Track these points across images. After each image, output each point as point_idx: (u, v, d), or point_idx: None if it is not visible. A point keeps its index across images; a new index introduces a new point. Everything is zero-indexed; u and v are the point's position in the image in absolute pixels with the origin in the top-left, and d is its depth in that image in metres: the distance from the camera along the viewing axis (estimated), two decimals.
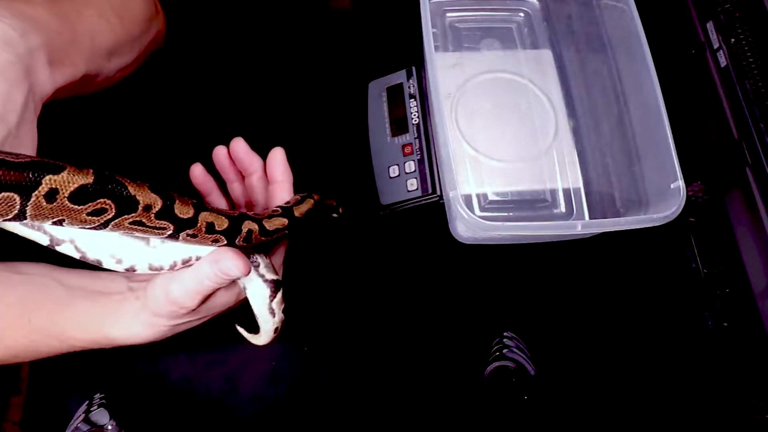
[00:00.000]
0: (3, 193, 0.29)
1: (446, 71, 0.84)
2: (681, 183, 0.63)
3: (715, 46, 0.84)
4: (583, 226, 0.63)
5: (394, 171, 0.85)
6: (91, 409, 0.71)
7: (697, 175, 0.90)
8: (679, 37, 0.91)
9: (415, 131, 0.85)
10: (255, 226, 0.44)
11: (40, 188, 0.30)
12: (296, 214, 0.49)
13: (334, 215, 0.61)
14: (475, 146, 0.81)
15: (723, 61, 0.83)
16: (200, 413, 0.78)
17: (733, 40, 0.82)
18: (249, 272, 0.41)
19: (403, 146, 0.86)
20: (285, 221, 0.47)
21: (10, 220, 0.31)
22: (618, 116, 0.76)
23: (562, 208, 0.81)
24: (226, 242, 0.42)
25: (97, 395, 0.74)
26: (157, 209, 0.36)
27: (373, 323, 0.83)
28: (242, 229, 0.42)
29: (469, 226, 0.66)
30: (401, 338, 0.85)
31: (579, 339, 0.88)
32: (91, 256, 0.42)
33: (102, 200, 0.33)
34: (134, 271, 0.43)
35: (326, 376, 0.80)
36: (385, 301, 0.85)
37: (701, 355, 0.88)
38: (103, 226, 0.35)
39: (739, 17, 0.82)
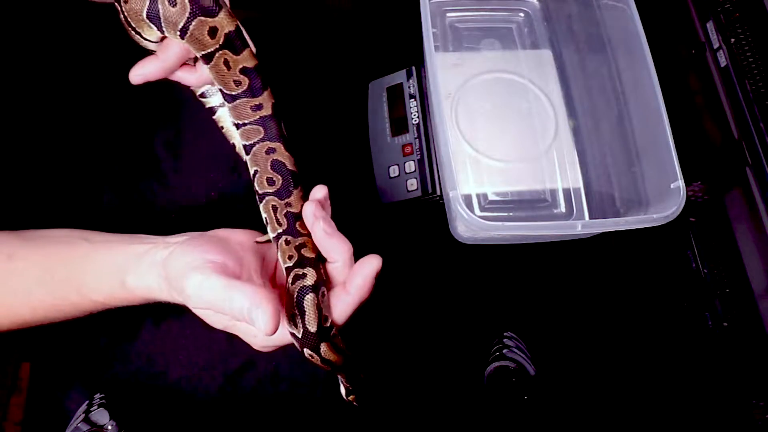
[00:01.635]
0: (243, 77, 0.44)
1: (446, 71, 0.84)
2: (681, 183, 0.63)
3: (715, 46, 0.84)
4: (583, 226, 0.63)
5: (394, 171, 0.85)
6: (91, 409, 0.70)
7: (697, 175, 0.90)
8: (679, 37, 0.91)
9: (415, 131, 0.85)
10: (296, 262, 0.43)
11: (260, 100, 0.45)
12: (322, 349, 0.41)
13: (343, 395, 0.51)
14: (475, 146, 0.80)
15: (723, 61, 0.83)
16: (200, 413, 0.78)
17: (733, 40, 0.82)
18: (272, 334, 0.38)
19: (403, 146, 0.86)
20: (313, 329, 0.40)
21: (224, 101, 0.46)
22: (618, 116, 0.76)
23: (562, 208, 0.81)
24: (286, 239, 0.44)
25: (97, 395, 0.74)
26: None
27: (372, 323, 0.83)
28: (295, 247, 0.43)
29: (469, 226, 0.66)
30: (401, 338, 0.85)
31: (579, 339, 0.88)
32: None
33: (257, 127, 0.46)
34: None
35: (326, 377, 0.80)
36: (385, 301, 0.85)
37: (701, 355, 0.88)
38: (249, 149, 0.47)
39: (739, 17, 0.82)
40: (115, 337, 0.80)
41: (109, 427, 0.67)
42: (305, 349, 0.41)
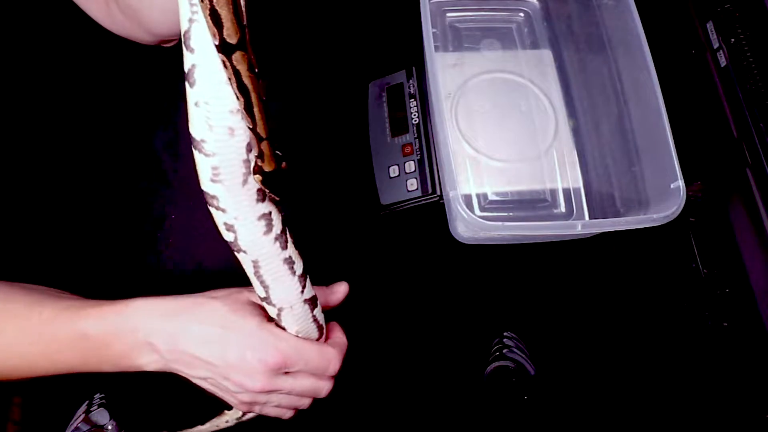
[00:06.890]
0: None
1: (446, 71, 0.84)
2: (681, 183, 0.63)
3: (715, 46, 0.84)
4: (583, 226, 0.63)
5: (394, 171, 0.85)
6: (91, 409, 0.70)
7: (697, 175, 0.90)
8: (679, 37, 0.91)
9: (415, 131, 0.85)
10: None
11: None
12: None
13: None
14: (475, 146, 0.81)
15: (723, 61, 0.83)
16: (200, 413, 0.78)
17: (733, 40, 0.81)
18: None
19: (403, 146, 0.86)
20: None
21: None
22: (618, 116, 0.76)
23: (562, 208, 0.81)
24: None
25: (97, 395, 0.74)
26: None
27: (372, 323, 0.83)
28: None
29: (469, 226, 0.66)
30: (400, 338, 0.85)
31: (579, 339, 0.88)
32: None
33: None
34: None
35: None
36: (385, 301, 0.85)
37: (701, 355, 0.88)
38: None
39: (739, 17, 0.82)
40: None
41: (109, 427, 0.67)
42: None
